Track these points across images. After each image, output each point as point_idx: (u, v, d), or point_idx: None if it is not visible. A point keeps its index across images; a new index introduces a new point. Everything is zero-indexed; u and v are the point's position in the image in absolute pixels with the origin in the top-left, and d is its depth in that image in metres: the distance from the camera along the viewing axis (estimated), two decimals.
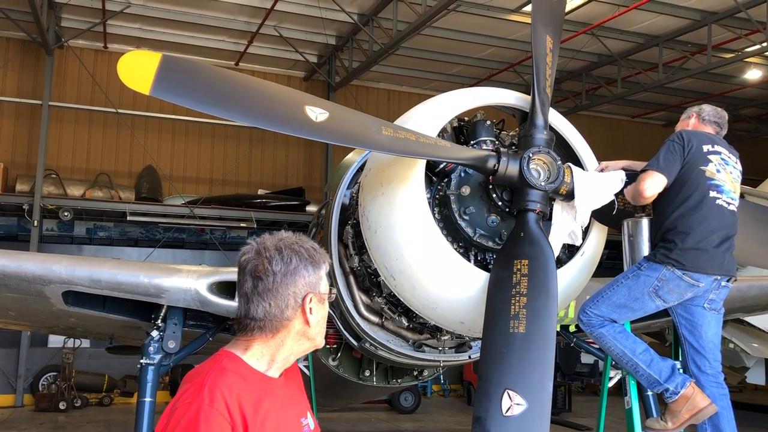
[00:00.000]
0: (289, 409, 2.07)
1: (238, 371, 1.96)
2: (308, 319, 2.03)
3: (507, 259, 3.59)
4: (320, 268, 2.06)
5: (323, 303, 2.07)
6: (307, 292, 2.02)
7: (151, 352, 4.93)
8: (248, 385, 1.94)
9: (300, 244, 2.06)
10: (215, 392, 1.86)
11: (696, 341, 3.60)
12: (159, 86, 3.09)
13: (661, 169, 3.54)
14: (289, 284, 1.99)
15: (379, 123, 3.43)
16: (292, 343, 2.04)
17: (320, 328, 2.08)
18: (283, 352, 2.04)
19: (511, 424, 3.23)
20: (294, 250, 2.03)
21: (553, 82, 4.05)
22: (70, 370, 13.99)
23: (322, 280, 2.06)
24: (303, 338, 2.06)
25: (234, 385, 1.90)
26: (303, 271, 2.02)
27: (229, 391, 1.88)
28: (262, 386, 1.99)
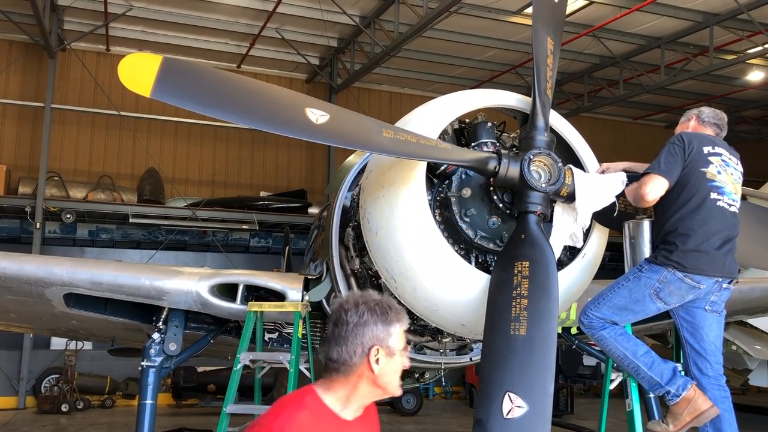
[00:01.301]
0: None
1: (314, 410, 2.23)
2: (373, 368, 2.25)
3: (508, 261, 3.58)
4: (391, 325, 2.28)
5: (391, 356, 2.27)
6: (374, 344, 2.25)
7: (152, 354, 4.94)
8: (320, 424, 2.20)
9: (377, 302, 2.32)
10: (285, 428, 2.14)
11: (697, 343, 3.59)
12: (160, 89, 3.10)
13: (662, 173, 3.53)
14: (358, 334, 2.26)
15: (380, 125, 3.43)
16: (365, 389, 2.29)
17: (390, 378, 2.29)
18: (357, 395, 2.29)
19: (512, 427, 3.22)
20: (369, 306, 2.30)
21: (554, 83, 4.04)
22: (73, 372, 14.01)
23: (391, 336, 2.28)
24: (374, 385, 2.29)
25: (305, 425, 2.17)
26: (372, 325, 2.27)
27: (297, 428, 2.15)
28: (334, 427, 2.24)
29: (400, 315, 2.32)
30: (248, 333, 4.73)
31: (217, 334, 5.46)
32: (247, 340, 4.72)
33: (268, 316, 4.98)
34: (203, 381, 13.81)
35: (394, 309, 2.32)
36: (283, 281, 5.00)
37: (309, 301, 4.98)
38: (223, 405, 4.62)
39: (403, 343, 2.30)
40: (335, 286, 4.68)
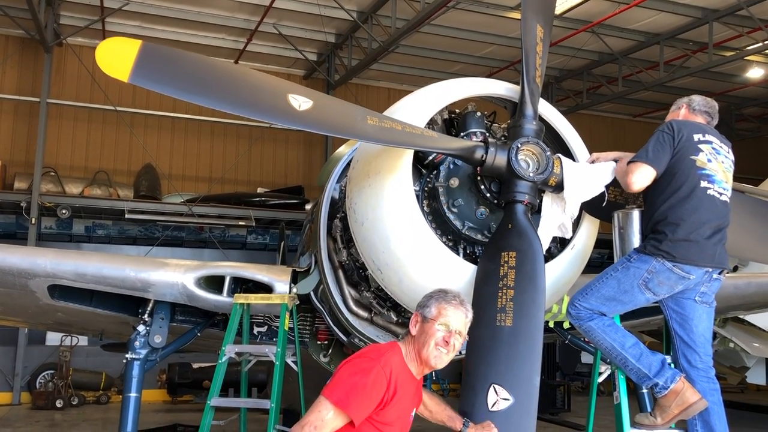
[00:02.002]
0: (411, 401, 3.04)
1: (398, 359, 2.97)
2: (411, 329, 3.06)
3: (494, 251, 3.52)
4: (435, 301, 3.05)
5: (425, 323, 3.00)
6: (416, 312, 3.09)
7: (137, 346, 4.88)
8: (402, 369, 2.94)
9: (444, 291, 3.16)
10: (388, 362, 2.88)
11: (687, 335, 3.51)
12: (138, 73, 3.05)
13: (650, 161, 3.47)
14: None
15: (365, 112, 3.37)
16: (412, 350, 3.02)
17: (424, 339, 2.99)
18: (410, 356, 3.01)
19: (497, 420, 3.17)
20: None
21: (543, 72, 3.98)
22: (68, 368, 13.96)
23: (430, 308, 3.03)
24: (414, 346, 3.02)
25: (397, 366, 2.91)
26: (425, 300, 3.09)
27: (395, 368, 2.88)
28: (408, 375, 2.97)
29: (448, 296, 3.03)
30: (234, 325, 4.67)
31: (205, 327, 5.39)
32: (233, 333, 4.66)
33: (254, 308, 4.92)
34: (198, 377, 13.76)
35: (450, 293, 3.07)
36: (270, 273, 4.93)
37: (297, 294, 4.92)
38: (207, 398, 4.56)
39: (445, 319, 2.96)
40: (323, 278, 4.62)
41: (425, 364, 2.99)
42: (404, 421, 2.99)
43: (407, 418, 3.02)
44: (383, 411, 2.80)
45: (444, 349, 2.95)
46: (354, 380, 2.77)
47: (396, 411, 2.86)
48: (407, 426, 3.03)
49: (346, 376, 2.79)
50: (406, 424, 3.02)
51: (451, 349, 2.98)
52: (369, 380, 2.76)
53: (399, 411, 2.88)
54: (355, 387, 2.75)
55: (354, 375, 2.79)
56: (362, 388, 2.75)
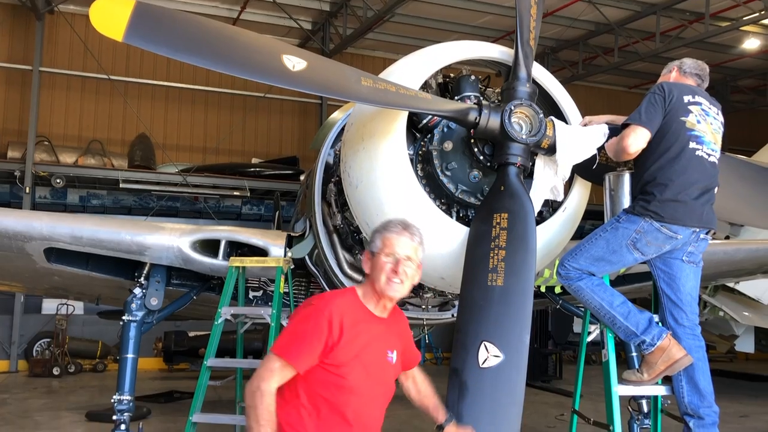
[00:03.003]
0: (380, 341, 2.85)
1: (350, 299, 2.86)
2: (366, 271, 2.92)
3: (487, 213, 3.56)
4: (377, 233, 2.92)
5: (372, 257, 2.89)
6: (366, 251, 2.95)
7: (133, 308, 4.94)
8: (354, 309, 2.81)
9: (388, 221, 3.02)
10: (328, 304, 2.78)
11: (674, 294, 3.58)
12: (132, 33, 3.04)
13: (643, 123, 3.49)
14: None
15: (359, 73, 3.38)
16: (370, 287, 2.87)
17: (375, 274, 2.85)
18: (369, 293, 2.87)
19: (487, 376, 3.24)
20: None
21: (537, 35, 3.99)
22: (64, 336, 14.05)
23: (374, 242, 2.90)
24: (370, 282, 2.87)
25: (341, 305, 2.79)
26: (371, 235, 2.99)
27: (337, 308, 2.76)
28: (365, 315, 2.83)
29: (389, 225, 2.91)
30: (230, 288, 4.72)
31: (200, 290, 5.45)
32: (229, 295, 4.71)
33: (250, 271, 4.97)
34: (194, 345, 13.87)
35: (393, 221, 2.94)
36: (266, 237, 4.98)
37: (292, 258, 4.97)
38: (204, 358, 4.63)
39: (389, 248, 2.83)
40: (318, 242, 4.67)
41: (384, 297, 2.85)
42: (368, 360, 2.79)
43: (373, 358, 2.82)
44: (332, 353, 2.70)
45: (396, 278, 2.81)
46: (294, 329, 2.76)
47: (349, 351, 2.72)
48: (380, 366, 2.85)
49: (289, 327, 2.81)
50: (375, 363, 2.82)
51: (404, 276, 2.82)
52: (308, 326, 2.72)
53: (355, 350, 2.73)
54: (294, 335, 2.73)
55: (295, 324, 2.78)
56: (301, 334, 2.71)
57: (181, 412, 9.39)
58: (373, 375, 2.80)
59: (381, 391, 2.85)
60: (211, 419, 4.55)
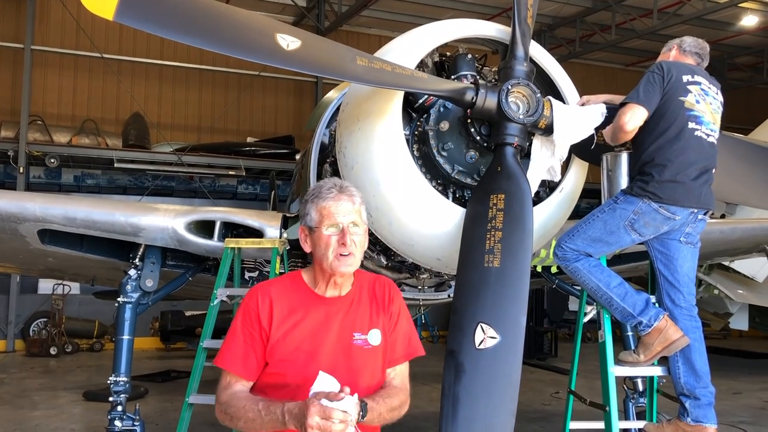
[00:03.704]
0: (337, 324, 2.41)
1: (287, 284, 2.47)
2: (305, 250, 2.48)
3: (483, 193, 3.53)
4: (309, 203, 2.47)
5: (312, 233, 2.44)
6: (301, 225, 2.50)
7: (128, 290, 4.92)
8: (290, 294, 2.42)
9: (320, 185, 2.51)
10: (253, 295, 2.43)
11: (671, 275, 3.57)
12: (122, 11, 2.97)
13: (641, 101, 3.46)
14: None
15: (354, 53, 3.33)
16: (316, 266, 2.45)
17: (320, 252, 2.41)
18: (317, 272, 2.45)
19: (484, 357, 3.22)
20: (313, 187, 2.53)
21: (535, 12, 3.93)
22: (61, 316, 14.06)
23: (308, 215, 2.45)
24: (316, 262, 2.45)
25: (271, 292, 2.41)
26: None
27: (263, 296, 2.40)
28: (306, 298, 2.42)
29: (321, 191, 2.45)
30: (225, 269, 4.70)
31: (196, 272, 5.43)
32: (224, 276, 4.69)
33: (245, 252, 4.95)
34: (191, 325, 13.91)
35: (325, 185, 2.47)
36: (261, 218, 4.95)
37: (287, 239, 4.95)
38: (200, 339, 4.62)
39: (329, 219, 2.39)
40: None
41: (335, 275, 2.41)
42: (318, 350, 2.34)
43: (328, 346, 2.36)
44: (271, 351, 2.33)
45: (345, 250, 2.37)
46: (230, 331, 2.41)
47: (287, 344, 2.33)
48: (342, 354, 2.37)
49: (229, 330, 2.43)
50: (332, 352, 2.36)
51: (353, 247, 2.39)
52: (239, 325, 2.38)
53: (295, 341, 2.33)
54: (229, 339, 2.39)
55: (229, 330, 2.42)
56: (236, 337, 2.37)
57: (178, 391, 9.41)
58: (328, 365, 2.31)
59: (351, 383, 2.19)
60: (208, 400, 4.53)
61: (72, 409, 8.59)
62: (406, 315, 2.64)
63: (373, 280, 2.58)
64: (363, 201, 2.52)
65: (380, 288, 2.58)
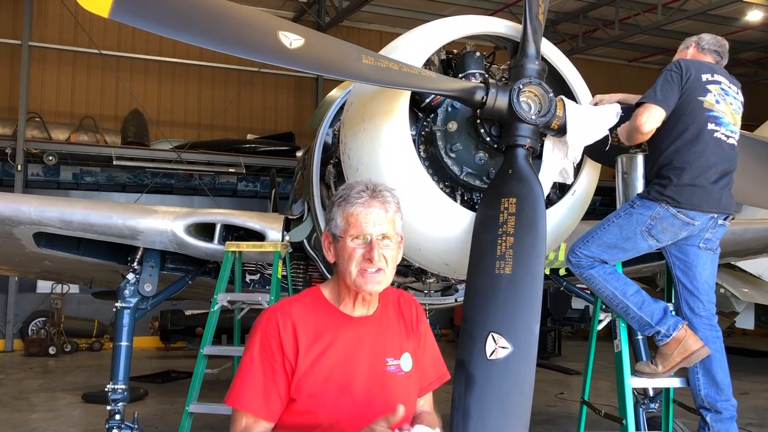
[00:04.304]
0: (368, 348, 2.10)
1: (309, 303, 2.13)
2: (326, 256, 2.19)
3: (494, 197, 3.41)
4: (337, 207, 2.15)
5: (337, 242, 2.13)
6: (325, 232, 2.19)
7: (126, 295, 4.80)
8: (314, 316, 2.08)
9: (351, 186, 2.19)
10: (272, 319, 2.06)
11: (690, 282, 3.45)
12: (118, 9, 2.85)
13: (658, 101, 3.32)
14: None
15: (359, 51, 3.20)
16: (341, 280, 2.13)
17: (344, 266, 2.11)
18: (341, 288, 2.13)
19: (495, 368, 3.10)
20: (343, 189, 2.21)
21: (546, 9, 3.79)
22: (59, 315, 13.94)
23: (333, 220, 2.15)
24: (340, 275, 2.13)
25: (293, 314, 2.06)
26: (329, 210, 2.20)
27: (284, 319, 2.05)
28: (332, 319, 2.10)
29: (350, 194, 2.11)
30: (226, 273, 4.58)
31: (196, 275, 5.31)
32: (225, 281, 4.57)
33: (247, 256, 4.82)
34: (191, 324, 13.80)
35: (355, 188, 2.12)
36: (263, 221, 4.82)
37: (290, 242, 4.82)
38: (200, 346, 4.50)
39: (356, 228, 2.06)
40: (316, 226, 4.52)
41: (358, 293, 2.10)
42: (350, 379, 2.04)
43: (360, 374, 2.05)
44: (297, 384, 2.00)
45: (372, 267, 2.04)
46: (246, 365, 2.04)
47: (316, 375, 2.00)
48: (376, 382, 2.08)
49: (242, 362, 2.07)
50: (364, 381, 2.06)
51: (383, 263, 2.07)
52: (258, 358, 2.01)
53: (324, 371, 2.01)
54: (248, 374, 2.02)
55: (246, 358, 2.05)
56: (255, 372, 2.01)
57: (178, 392, 9.32)
58: (363, 398, 2.04)
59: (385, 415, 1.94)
60: (208, 409, 4.42)
61: (71, 412, 8.47)
62: (431, 334, 2.42)
63: (398, 296, 2.30)
64: (399, 207, 2.20)
65: (407, 306, 2.30)
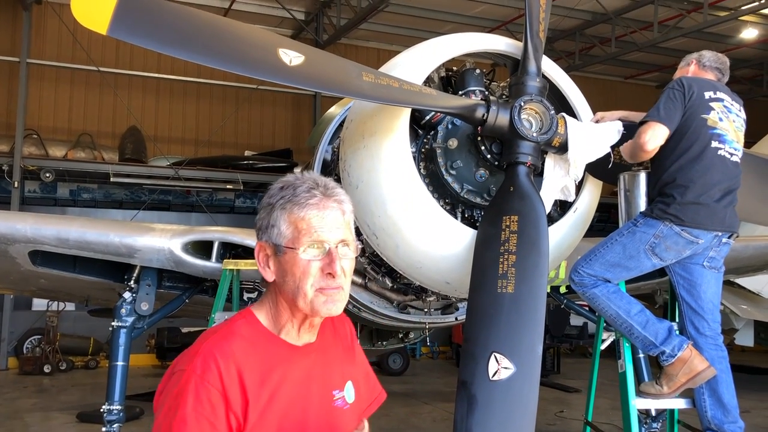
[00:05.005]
0: (316, 381, 1.75)
1: (247, 335, 1.69)
2: (265, 275, 1.74)
3: (495, 215, 3.38)
4: (282, 210, 1.73)
5: (282, 254, 1.70)
6: (259, 242, 1.74)
7: (123, 314, 4.74)
8: (256, 352, 1.66)
9: (290, 183, 1.76)
10: (209, 362, 1.61)
11: (694, 301, 3.41)
12: (117, 26, 2.82)
13: (662, 120, 3.31)
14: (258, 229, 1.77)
15: (360, 68, 3.18)
16: (282, 304, 1.72)
17: (291, 285, 1.69)
18: (281, 314, 1.72)
19: (498, 389, 3.06)
20: (278, 187, 1.77)
21: (546, 26, 3.79)
22: (55, 333, 13.83)
23: (275, 227, 1.72)
24: (284, 299, 1.71)
25: (236, 353, 1.63)
26: (264, 215, 1.77)
27: (226, 361, 1.61)
28: (277, 353, 1.69)
29: (297, 192, 1.67)
30: (223, 292, 4.53)
31: (193, 293, 5.25)
32: (223, 299, 4.52)
33: (245, 274, 4.77)
34: (188, 342, 13.61)
35: (300, 185, 1.68)
36: None
37: None
38: None
39: (311, 234, 1.65)
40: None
41: (312, 316, 1.73)
42: (301, 423, 1.70)
43: (310, 416, 1.72)
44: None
45: (334, 283, 1.68)
46: (169, 422, 1.59)
47: (273, 420, 1.65)
48: (326, 423, 1.76)
49: (161, 418, 1.62)
50: (315, 423, 1.73)
51: (342, 276, 1.71)
52: (188, 419, 1.56)
53: (275, 419, 1.65)
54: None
55: (168, 412, 1.60)
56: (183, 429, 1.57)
57: None
58: None
59: None
60: None
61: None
62: (361, 350, 2.08)
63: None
64: (353, 208, 1.82)
65: (340, 323, 1.96)
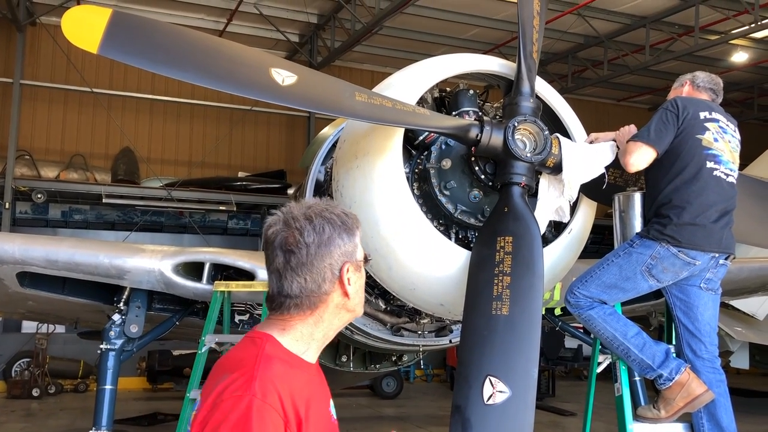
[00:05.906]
0: (324, 398, 1.88)
1: (282, 358, 1.76)
2: (347, 291, 1.85)
3: (490, 236, 3.35)
4: (354, 235, 1.88)
5: (360, 271, 1.89)
6: (344, 262, 1.84)
7: (111, 336, 4.67)
8: (295, 374, 1.75)
9: (330, 211, 1.86)
10: (267, 385, 1.65)
11: (691, 324, 3.37)
12: (108, 44, 2.80)
13: (651, 141, 3.30)
14: (325, 256, 1.82)
15: (353, 88, 3.16)
16: (332, 318, 1.87)
17: (359, 297, 1.90)
18: (322, 329, 1.86)
19: (493, 413, 3.00)
20: (325, 217, 1.84)
21: (540, 47, 3.79)
22: (44, 356, 13.66)
23: (357, 247, 1.88)
24: (342, 311, 1.88)
25: (284, 376, 1.70)
26: (338, 240, 1.84)
27: (282, 383, 1.67)
28: (305, 374, 1.80)
29: (356, 219, 1.91)
30: (214, 314, 4.46)
31: (184, 315, 5.18)
32: (213, 322, 4.45)
33: (236, 296, 4.71)
34: (179, 365, 13.54)
35: (350, 215, 1.90)
36: (252, 260, 4.73)
37: None
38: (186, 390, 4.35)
39: (363, 252, 1.92)
40: None
41: (357, 316, 1.96)
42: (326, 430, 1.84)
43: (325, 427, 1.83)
44: None
45: None
46: None
47: None
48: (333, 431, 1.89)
49: None
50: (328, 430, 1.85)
51: None
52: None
53: (315, 429, 1.74)
54: None
55: None
56: None
57: None
58: None
59: None
60: None
61: None
62: None
63: None
64: None
65: None
